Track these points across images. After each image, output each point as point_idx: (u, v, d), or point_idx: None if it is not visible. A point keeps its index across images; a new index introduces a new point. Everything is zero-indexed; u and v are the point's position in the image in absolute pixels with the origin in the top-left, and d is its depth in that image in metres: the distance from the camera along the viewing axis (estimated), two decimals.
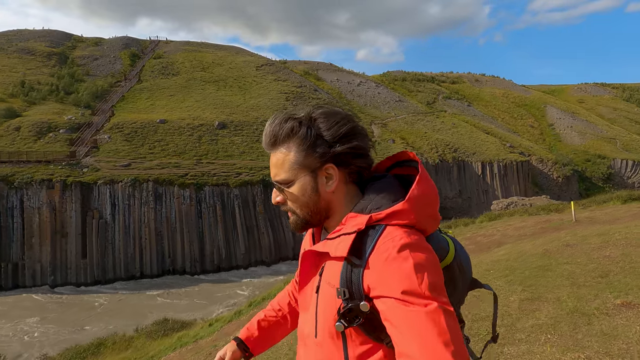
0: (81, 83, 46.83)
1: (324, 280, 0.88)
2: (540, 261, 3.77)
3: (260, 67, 60.18)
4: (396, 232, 0.80)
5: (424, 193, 0.85)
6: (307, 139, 0.87)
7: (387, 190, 0.89)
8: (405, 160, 0.96)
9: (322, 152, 0.87)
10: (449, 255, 0.97)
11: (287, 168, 0.89)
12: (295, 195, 0.89)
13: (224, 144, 38.64)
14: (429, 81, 77.05)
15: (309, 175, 0.88)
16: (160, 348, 6.15)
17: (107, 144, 34.55)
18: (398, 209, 0.83)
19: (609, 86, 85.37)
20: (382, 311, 0.77)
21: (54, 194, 27.18)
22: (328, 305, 0.84)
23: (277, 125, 0.90)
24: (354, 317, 0.79)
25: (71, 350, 7.88)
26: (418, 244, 0.79)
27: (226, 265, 30.77)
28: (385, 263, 0.77)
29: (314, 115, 0.90)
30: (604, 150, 58.36)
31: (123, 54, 58.88)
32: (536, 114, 70.69)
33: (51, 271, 26.65)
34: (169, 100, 47.23)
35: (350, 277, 0.81)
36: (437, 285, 0.75)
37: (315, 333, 0.88)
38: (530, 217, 8.91)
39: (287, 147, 0.89)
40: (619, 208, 8.30)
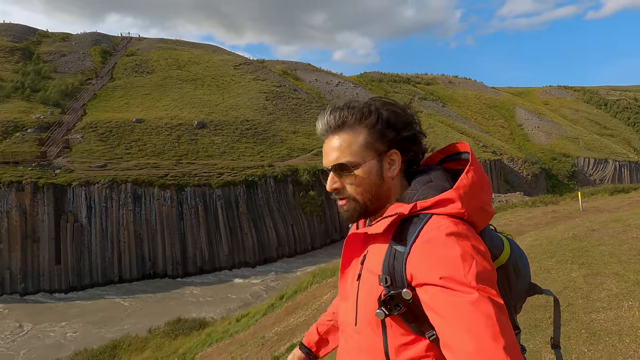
0: (49, 80, 44.51)
1: (365, 268, 0.87)
2: (575, 244, 4.07)
3: (238, 66, 59.43)
4: (443, 220, 0.78)
5: (474, 182, 0.82)
6: (378, 123, 0.89)
7: (435, 181, 0.87)
8: (455, 153, 0.95)
9: (392, 137, 0.89)
10: (503, 255, 0.93)
11: (354, 150, 0.88)
12: (361, 178, 0.88)
13: (204, 143, 37.90)
14: (405, 82, 78.80)
15: (376, 159, 0.89)
16: (190, 345, 6.00)
17: (80, 144, 33.06)
18: (445, 197, 0.81)
19: (571, 89, 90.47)
20: (425, 300, 0.74)
21: (24, 197, 25.71)
22: (369, 292, 0.83)
23: (345, 109, 0.91)
24: (395, 305, 0.77)
25: (82, 355, 7.53)
26: (466, 233, 0.77)
27: (209, 267, 30.20)
28: (429, 251, 0.75)
29: (377, 104, 0.92)
30: (569, 149, 61.83)
31: (93, 50, 56.47)
32: (506, 115, 73.86)
33: (22, 278, 25.20)
34: (144, 99, 45.76)
35: (392, 264, 0.80)
36: (486, 275, 0.71)
37: (355, 321, 0.86)
38: (533, 209, 9.42)
39: (354, 130, 0.89)
40: (610, 199, 8.99)
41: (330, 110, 0.93)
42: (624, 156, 62.08)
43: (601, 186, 11.67)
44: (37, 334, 17.97)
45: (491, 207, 0.87)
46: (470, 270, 0.71)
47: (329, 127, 0.92)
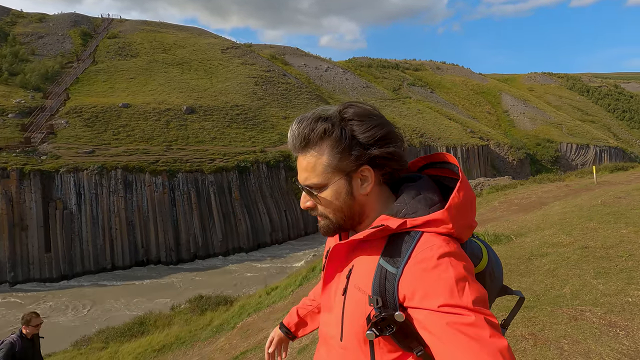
0: (27, 63, 42.60)
1: (352, 284, 0.84)
2: (607, 209, 4.31)
3: (226, 50, 58.10)
4: (435, 240, 0.77)
5: (464, 201, 0.81)
6: (341, 141, 0.83)
7: (424, 194, 0.84)
8: (440, 161, 0.93)
9: (358, 155, 0.83)
10: (481, 263, 0.94)
11: (319, 172, 0.84)
12: (329, 200, 0.85)
13: (193, 129, 37.24)
14: (393, 68, 78.65)
15: (344, 178, 0.84)
16: (225, 317, 6.05)
17: (65, 129, 32.02)
18: (437, 217, 0.79)
19: (555, 75, 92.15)
20: (419, 320, 0.74)
21: (9, 184, 24.91)
22: (357, 310, 0.81)
23: (307, 126, 0.84)
24: (386, 326, 0.76)
25: (109, 331, 7.49)
26: (458, 253, 0.76)
27: (203, 253, 30.14)
28: (423, 272, 0.74)
29: (347, 115, 0.84)
30: (552, 135, 63.40)
31: (73, 32, 54.16)
32: (492, 101, 74.89)
33: (10, 267, 24.64)
34: (129, 83, 44.40)
35: (384, 284, 0.77)
36: (480, 296, 0.72)
37: (341, 337, 0.85)
38: (543, 185, 9.76)
39: (319, 149, 0.84)
40: (614, 175, 9.44)
41: (295, 126, 0.86)
42: (604, 141, 64.11)
43: (602, 164, 12.16)
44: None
45: (475, 222, 0.87)
46: (465, 293, 0.71)
47: (293, 147, 0.87)
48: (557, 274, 2.68)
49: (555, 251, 3.12)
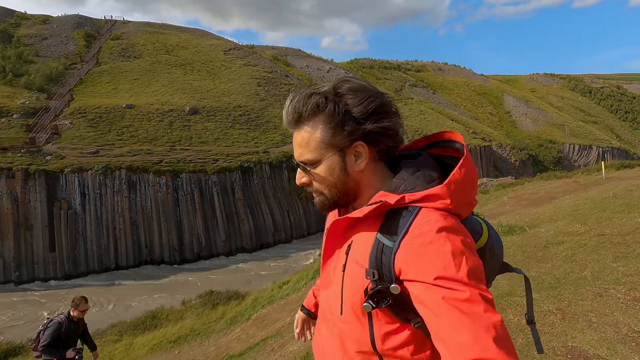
0: (31, 64, 42.86)
1: (350, 259, 0.84)
2: (620, 201, 4.36)
3: (228, 52, 58.31)
4: (432, 214, 0.77)
5: (465, 178, 0.80)
6: (334, 116, 0.81)
7: (423, 170, 0.83)
8: (442, 140, 0.91)
9: (351, 130, 0.81)
10: (481, 238, 0.94)
11: (313, 147, 0.83)
12: (322, 176, 0.85)
13: (196, 130, 37.37)
14: (395, 69, 78.79)
15: (337, 154, 0.84)
16: (238, 309, 6.11)
17: (69, 130, 32.19)
18: (435, 192, 0.78)
19: (557, 76, 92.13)
20: (415, 294, 0.74)
21: (14, 184, 25.04)
22: (355, 284, 0.82)
23: (301, 101, 0.83)
24: (382, 299, 0.77)
25: (121, 325, 7.56)
26: (455, 228, 0.76)
27: (206, 253, 30.20)
28: (420, 246, 0.74)
29: (341, 90, 0.83)
30: (555, 136, 63.35)
31: (76, 33, 54.43)
32: (494, 102, 74.91)
33: (15, 267, 24.75)
34: (132, 84, 44.60)
35: (380, 258, 0.78)
36: (476, 271, 0.72)
37: (341, 310, 0.86)
38: (550, 181, 9.82)
39: (312, 125, 0.83)
40: (620, 172, 9.49)
41: (289, 101, 0.85)
42: (607, 142, 64.01)
43: (608, 162, 12.22)
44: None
45: (475, 200, 0.86)
46: (462, 267, 0.71)
47: (287, 122, 0.86)
48: (575, 259, 2.74)
49: (571, 239, 3.17)
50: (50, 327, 4.09)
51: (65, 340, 4.18)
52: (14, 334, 12.34)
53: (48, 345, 4.03)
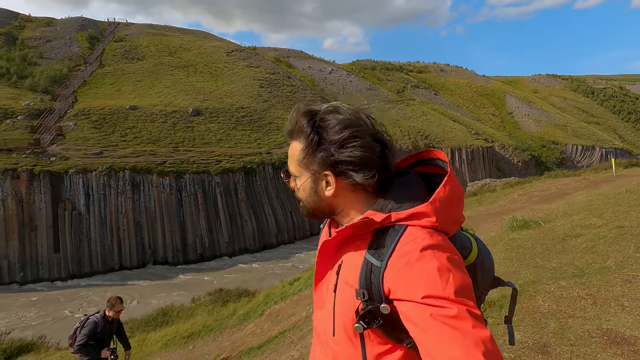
0: (35, 66, 43.10)
1: (341, 280, 0.85)
2: (634, 196, 4.35)
3: (231, 53, 58.49)
4: (418, 232, 0.78)
5: (450, 195, 0.81)
6: (310, 141, 0.84)
7: (409, 189, 0.85)
8: (429, 158, 0.92)
9: (322, 158, 0.83)
10: (471, 255, 0.95)
11: (293, 162, 0.88)
12: (299, 188, 0.89)
13: (199, 131, 37.48)
14: (397, 70, 78.82)
15: (310, 177, 0.86)
16: (251, 306, 6.12)
17: (73, 131, 32.33)
18: (420, 210, 0.79)
19: (559, 77, 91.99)
20: (403, 313, 0.75)
21: (19, 185, 25.15)
22: (346, 305, 0.82)
23: (295, 117, 0.88)
24: (373, 319, 0.77)
25: (132, 322, 7.57)
26: (441, 245, 0.77)
27: (210, 254, 30.22)
28: (407, 265, 0.75)
29: (326, 117, 0.84)
30: (557, 137, 63.19)
31: (80, 36, 54.75)
32: (497, 103, 74.82)
33: (20, 267, 24.83)
34: (136, 85, 44.78)
35: (369, 278, 0.79)
36: (463, 287, 0.72)
37: (333, 332, 0.86)
38: (558, 179, 9.81)
39: (297, 142, 0.88)
40: (629, 170, 9.48)
41: (292, 112, 0.89)
42: (610, 143, 63.82)
43: (617, 160, 12.24)
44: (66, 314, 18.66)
45: (462, 217, 0.87)
46: (448, 284, 0.71)
47: (285, 131, 0.91)
48: (596, 251, 2.74)
49: (589, 232, 3.17)
50: (86, 327, 4.17)
51: (101, 339, 4.26)
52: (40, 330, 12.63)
53: (84, 344, 4.12)
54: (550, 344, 1.66)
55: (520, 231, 3.63)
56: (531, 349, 1.65)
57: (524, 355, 1.66)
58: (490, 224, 5.04)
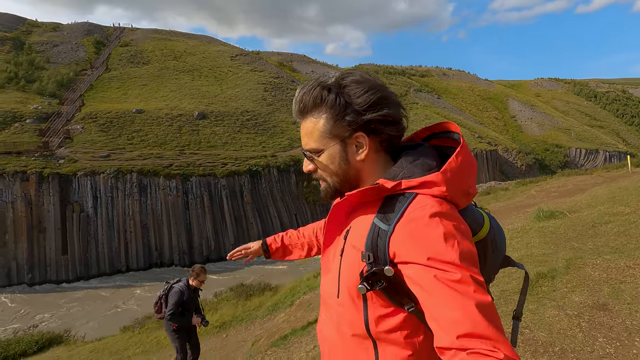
0: (42, 71, 43.59)
1: (348, 243, 0.87)
2: None
3: (235, 57, 58.98)
4: (427, 200, 0.79)
5: (461, 166, 0.82)
6: (335, 107, 0.85)
7: (421, 159, 0.86)
8: (443, 131, 0.93)
9: (351, 120, 0.85)
10: (483, 230, 0.94)
11: (316, 137, 0.87)
12: (325, 164, 0.88)
13: (205, 134, 37.76)
14: (399, 74, 79.20)
15: (339, 144, 0.86)
16: (278, 297, 6.23)
17: (81, 134, 32.64)
18: (431, 179, 0.81)
19: (562, 81, 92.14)
20: (408, 276, 0.76)
21: (29, 187, 25.39)
22: (351, 267, 0.85)
23: (306, 93, 0.87)
24: (376, 281, 0.79)
25: (153, 317, 7.73)
26: (449, 214, 0.78)
27: (215, 256, 30.34)
28: (414, 230, 0.76)
29: (344, 82, 0.86)
30: (561, 140, 63.22)
31: (86, 40, 55.33)
32: (499, 107, 74.98)
33: (28, 269, 24.99)
34: (142, 89, 45.20)
35: (376, 241, 0.80)
36: (468, 254, 0.74)
37: (338, 294, 0.88)
38: (571, 177, 9.90)
39: (316, 115, 0.87)
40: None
41: (297, 92, 0.90)
42: (613, 146, 63.79)
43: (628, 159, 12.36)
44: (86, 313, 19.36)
45: (475, 189, 0.87)
46: (453, 249, 0.73)
47: (294, 112, 0.90)
48: (629, 234, 2.86)
49: (618, 219, 3.29)
50: (173, 295, 4.21)
51: (187, 308, 4.30)
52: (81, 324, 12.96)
53: (175, 312, 4.16)
54: (609, 303, 1.79)
55: (548, 221, 3.73)
56: (591, 307, 1.78)
57: (586, 313, 1.80)
58: (514, 216, 5.14)
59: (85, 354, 5.34)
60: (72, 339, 7.06)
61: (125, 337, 6.09)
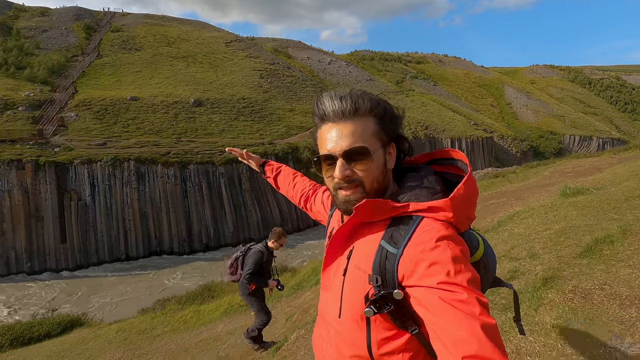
0: (32, 57, 42.52)
1: (352, 264, 0.87)
2: None
3: (230, 43, 58.01)
4: (434, 224, 0.81)
5: (468, 194, 0.85)
6: (385, 115, 0.90)
7: (427, 183, 0.89)
8: (444, 158, 0.97)
9: (393, 129, 0.91)
10: (477, 252, 0.97)
11: (367, 137, 0.88)
12: (374, 165, 0.89)
13: (202, 121, 37.39)
14: (395, 61, 78.59)
15: (382, 149, 0.90)
16: (300, 277, 6.26)
17: (75, 122, 32.11)
18: (439, 205, 0.83)
19: (557, 68, 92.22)
20: (415, 298, 0.77)
21: (25, 175, 25.04)
22: (356, 288, 0.84)
23: (357, 97, 0.89)
24: (384, 304, 0.79)
25: (173, 299, 7.74)
26: (455, 237, 0.81)
27: (215, 243, 30.39)
28: (422, 253, 0.77)
29: (377, 98, 0.92)
30: (555, 127, 63.67)
31: (76, 25, 53.94)
32: (495, 94, 75.03)
33: (27, 258, 24.84)
34: (135, 76, 44.40)
35: (384, 264, 0.81)
36: (473, 278, 0.75)
37: (339, 314, 0.88)
38: (581, 159, 9.99)
39: (366, 118, 0.89)
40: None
41: (341, 96, 0.90)
42: (607, 133, 64.45)
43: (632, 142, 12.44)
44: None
45: (474, 215, 0.91)
46: (461, 273, 0.74)
47: (342, 112, 0.89)
48: None
49: None
50: (252, 256, 4.16)
51: (265, 269, 4.25)
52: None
53: (253, 272, 4.11)
54: None
55: (576, 197, 3.79)
56: None
57: None
58: (537, 194, 5.20)
59: (112, 334, 5.39)
60: (91, 321, 7.12)
61: (148, 318, 6.14)
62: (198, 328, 5.00)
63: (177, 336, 4.68)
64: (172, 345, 4.35)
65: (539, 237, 2.78)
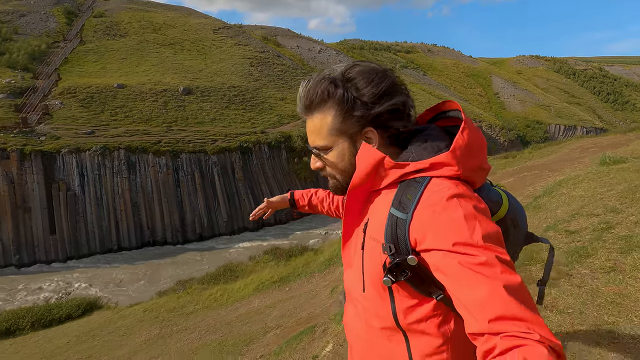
0: (11, 42, 40.68)
1: (368, 236, 0.85)
2: None
3: (218, 31, 56.70)
4: (443, 182, 0.78)
5: (469, 142, 0.80)
6: (344, 102, 0.83)
7: (430, 142, 0.84)
8: (448, 110, 0.92)
9: (361, 115, 0.83)
10: (502, 209, 0.93)
11: (324, 134, 0.85)
12: (334, 161, 0.87)
13: (192, 110, 36.66)
14: (385, 50, 78.43)
15: (347, 140, 0.85)
16: (329, 254, 6.18)
17: (60, 110, 31.03)
18: (440, 159, 0.79)
19: (542, 59, 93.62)
20: (432, 263, 0.74)
21: (10, 165, 24.17)
22: (374, 260, 0.83)
23: (312, 88, 0.85)
24: (401, 272, 0.77)
25: (195, 280, 7.62)
26: (466, 194, 0.76)
27: (209, 233, 30.11)
28: (432, 215, 0.74)
29: (350, 74, 0.85)
30: (541, 117, 64.92)
31: (56, 10, 51.75)
32: (483, 84, 75.84)
33: (15, 250, 24.13)
34: (121, 63, 43.02)
35: (395, 231, 0.78)
36: (491, 234, 0.71)
37: (363, 288, 0.86)
38: (587, 139, 10.15)
39: (323, 111, 0.85)
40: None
41: (301, 87, 0.87)
42: (590, 123, 66.11)
43: (633, 124, 12.75)
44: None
45: (488, 164, 0.85)
46: (475, 231, 0.70)
47: (300, 109, 0.88)
48: None
49: None
50: None
51: None
52: None
53: None
54: None
55: (617, 164, 3.84)
56: None
57: None
58: (570, 167, 5.27)
59: (139, 314, 5.28)
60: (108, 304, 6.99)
61: (174, 298, 6.04)
62: (232, 304, 4.94)
63: (212, 312, 4.62)
64: (210, 320, 4.30)
65: (606, 197, 2.81)
